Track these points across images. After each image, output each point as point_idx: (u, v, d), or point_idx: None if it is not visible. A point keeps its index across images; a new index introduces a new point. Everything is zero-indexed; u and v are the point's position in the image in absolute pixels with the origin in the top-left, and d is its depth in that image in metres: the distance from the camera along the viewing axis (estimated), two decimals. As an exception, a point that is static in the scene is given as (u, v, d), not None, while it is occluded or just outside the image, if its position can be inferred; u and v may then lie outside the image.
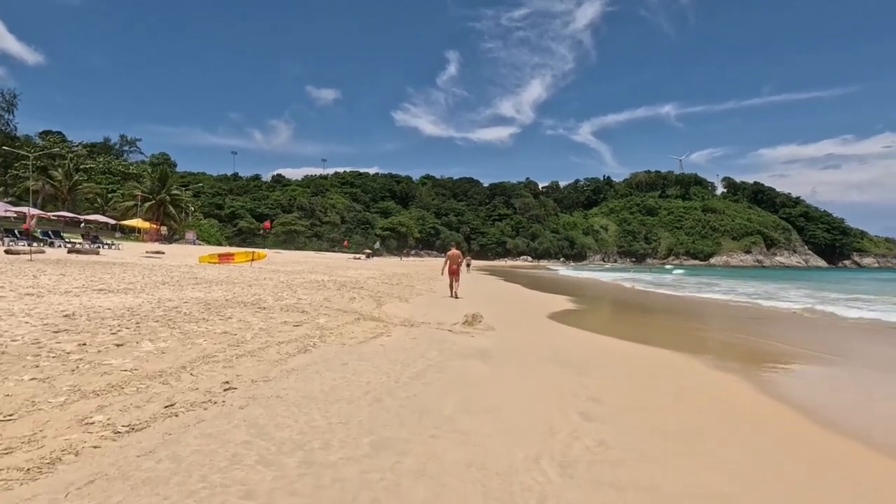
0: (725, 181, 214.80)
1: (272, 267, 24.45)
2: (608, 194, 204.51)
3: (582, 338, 9.89)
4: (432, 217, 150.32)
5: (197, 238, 77.15)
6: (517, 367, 6.50)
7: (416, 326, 9.01)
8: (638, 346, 8.99)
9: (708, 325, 13.47)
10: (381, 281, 21.49)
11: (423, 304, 13.52)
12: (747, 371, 7.22)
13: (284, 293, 12.49)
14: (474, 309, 10.97)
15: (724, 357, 8.41)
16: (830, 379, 7.23)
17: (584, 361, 7.14)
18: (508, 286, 28.19)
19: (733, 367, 7.51)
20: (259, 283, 14.87)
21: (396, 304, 12.93)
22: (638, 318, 14.49)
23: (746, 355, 8.82)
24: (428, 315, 11.00)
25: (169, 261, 23.75)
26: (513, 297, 19.92)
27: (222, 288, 12.72)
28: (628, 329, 11.56)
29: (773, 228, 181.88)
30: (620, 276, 48.66)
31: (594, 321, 13.86)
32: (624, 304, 19.77)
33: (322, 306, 10.34)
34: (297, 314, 9.16)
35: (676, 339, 10.20)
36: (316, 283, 17.09)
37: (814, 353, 9.00)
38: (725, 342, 10.54)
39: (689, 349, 8.77)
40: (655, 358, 7.96)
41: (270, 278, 17.45)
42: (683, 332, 11.67)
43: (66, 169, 67.93)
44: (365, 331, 8.17)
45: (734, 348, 9.66)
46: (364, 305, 11.52)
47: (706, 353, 8.57)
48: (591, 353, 8.01)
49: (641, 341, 9.52)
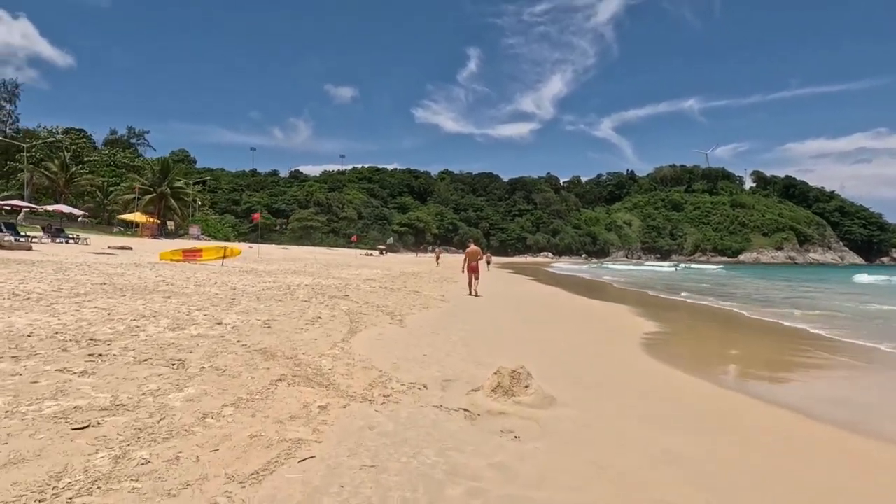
0: (755, 175, 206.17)
1: (248, 265, 20.04)
2: (631, 189, 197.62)
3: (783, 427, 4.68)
4: (451, 212, 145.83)
5: (201, 233, 73.53)
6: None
7: (390, 401, 4.29)
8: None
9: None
10: (380, 284, 16.86)
11: (426, 327, 8.83)
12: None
13: (199, 314, 7.90)
14: (505, 335, 6.27)
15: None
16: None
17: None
18: (543, 289, 23.25)
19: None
20: (193, 292, 10.33)
21: (382, 327, 8.26)
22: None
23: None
24: (428, 357, 6.28)
25: (125, 258, 19.41)
26: (556, 309, 15.06)
27: (121, 300, 8.22)
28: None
29: (807, 224, 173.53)
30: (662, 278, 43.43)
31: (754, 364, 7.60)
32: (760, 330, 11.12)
33: (218, 352, 5.69)
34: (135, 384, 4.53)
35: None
36: (284, 289, 12.50)
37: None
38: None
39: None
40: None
41: (225, 282, 12.93)
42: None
43: (62, 160, 64.46)
44: (235, 449, 3.47)
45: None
46: (320, 337, 6.84)
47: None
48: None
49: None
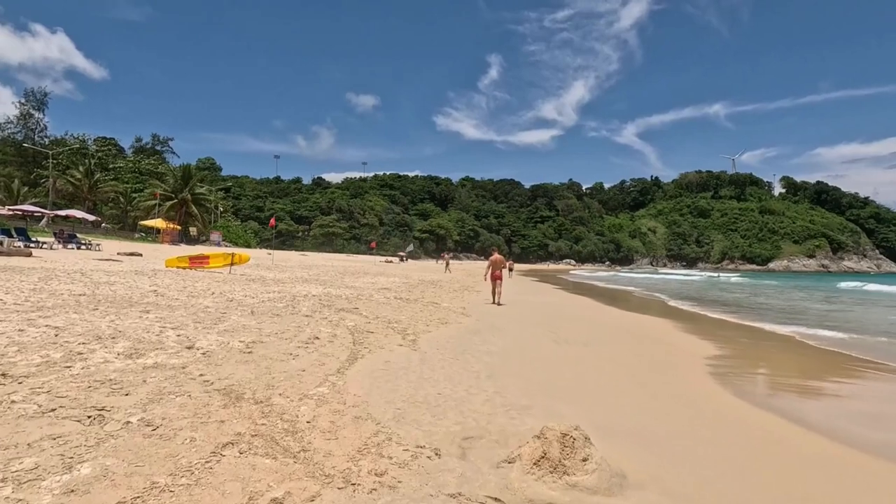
0: (784, 181, 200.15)
1: (258, 273, 18.89)
2: (656, 195, 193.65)
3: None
4: (472, 219, 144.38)
5: (223, 239, 73.35)
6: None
7: (383, 486, 2.92)
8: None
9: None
10: (395, 294, 15.54)
11: (443, 350, 7.44)
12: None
13: (172, 333, 6.66)
14: (539, 362, 4.88)
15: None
16: None
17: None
18: (572, 300, 21.63)
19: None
20: (180, 305, 9.13)
21: (390, 350, 6.90)
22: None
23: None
24: (443, 397, 4.88)
25: (129, 265, 18.44)
26: (593, 325, 13.50)
27: (88, 316, 7.01)
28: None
29: (840, 231, 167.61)
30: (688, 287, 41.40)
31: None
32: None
33: (165, 394, 4.38)
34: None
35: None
36: (288, 300, 11.23)
37: None
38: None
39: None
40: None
41: (224, 292, 11.73)
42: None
43: (86, 167, 64.82)
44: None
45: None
46: (310, 366, 5.51)
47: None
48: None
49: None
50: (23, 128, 77.23)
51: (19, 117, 76.80)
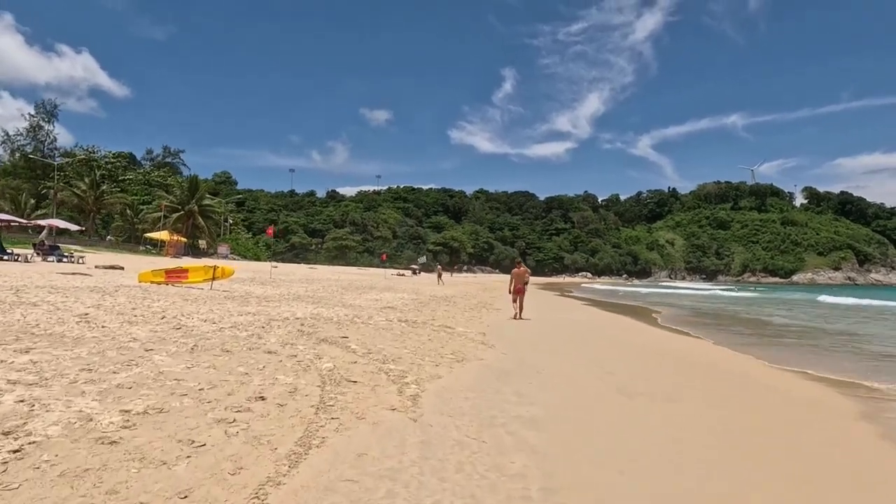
0: (806, 191, 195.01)
1: (245, 288, 16.43)
2: (673, 207, 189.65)
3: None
4: (486, 231, 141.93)
5: (231, 252, 71.55)
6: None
7: None
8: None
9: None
10: (401, 315, 12.97)
11: (456, 418, 4.84)
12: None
13: (28, 393, 4.12)
14: (607, 439, 2.28)
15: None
16: None
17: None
18: (609, 320, 18.78)
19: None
20: (101, 336, 6.63)
21: (370, 422, 4.32)
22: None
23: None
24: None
25: (97, 280, 16.09)
26: (656, 360, 10.74)
27: None
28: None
29: (866, 242, 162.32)
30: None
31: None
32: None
33: None
34: None
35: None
36: (259, 326, 8.69)
37: None
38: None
39: None
40: None
41: (182, 315, 9.23)
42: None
43: (92, 179, 63.42)
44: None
45: None
46: (217, 474, 2.90)
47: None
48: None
49: None
50: (32, 139, 76.37)
51: (29, 129, 76.00)
